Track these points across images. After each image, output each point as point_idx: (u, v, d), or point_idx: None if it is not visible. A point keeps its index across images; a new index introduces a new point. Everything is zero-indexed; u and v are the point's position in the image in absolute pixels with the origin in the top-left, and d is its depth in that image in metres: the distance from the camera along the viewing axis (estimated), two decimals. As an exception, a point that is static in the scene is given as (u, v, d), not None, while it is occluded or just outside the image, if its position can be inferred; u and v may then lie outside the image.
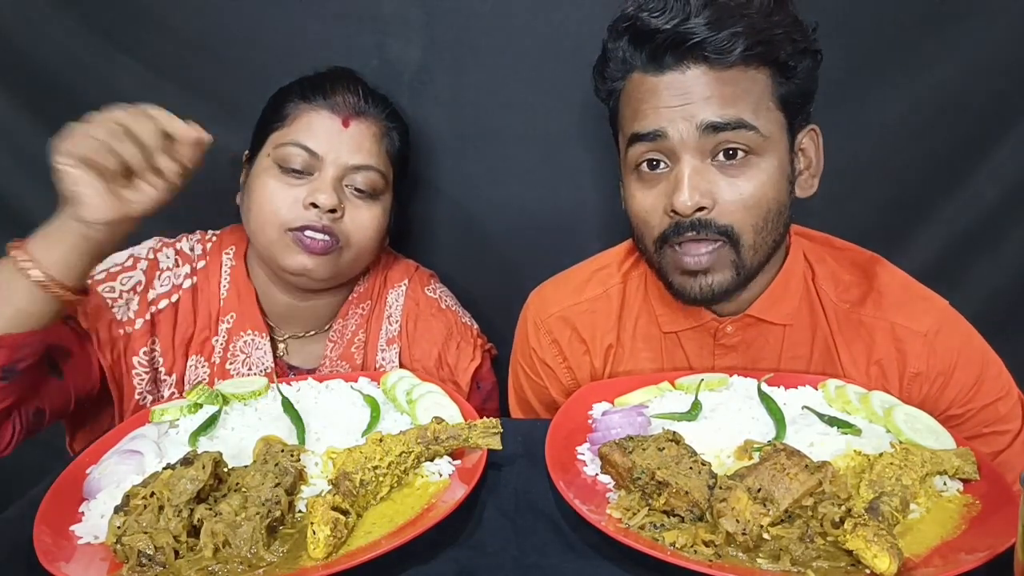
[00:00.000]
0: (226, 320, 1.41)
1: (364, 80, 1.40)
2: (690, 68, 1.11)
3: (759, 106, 1.12)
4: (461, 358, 1.46)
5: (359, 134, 1.34)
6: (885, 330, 1.24)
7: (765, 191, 1.13)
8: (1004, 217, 1.61)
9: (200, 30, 1.52)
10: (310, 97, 1.34)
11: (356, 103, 1.35)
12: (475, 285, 1.65)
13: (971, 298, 1.63)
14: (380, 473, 0.95)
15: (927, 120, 1.55)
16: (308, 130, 1.32)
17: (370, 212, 1.36)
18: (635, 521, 0.89)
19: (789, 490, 0.88)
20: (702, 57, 1.10)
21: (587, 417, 1.15)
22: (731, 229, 1.13)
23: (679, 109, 1.11)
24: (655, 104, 1.13)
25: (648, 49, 1.13)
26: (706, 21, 1.08)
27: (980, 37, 1.49)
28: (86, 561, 0.86)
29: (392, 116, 1.41)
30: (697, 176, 1.11)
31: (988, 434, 1.22)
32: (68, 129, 1.04)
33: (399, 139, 1.42)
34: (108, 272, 1.35)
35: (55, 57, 1.55)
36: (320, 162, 1.32)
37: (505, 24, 1.52)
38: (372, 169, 1.35)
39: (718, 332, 1.28)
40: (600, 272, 1.37)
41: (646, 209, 1.18)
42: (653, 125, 1.13)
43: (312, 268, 1.32)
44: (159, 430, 1.09)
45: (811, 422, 1.07)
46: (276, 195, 1.31)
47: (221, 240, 1.46)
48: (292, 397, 1.16)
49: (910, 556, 0.83)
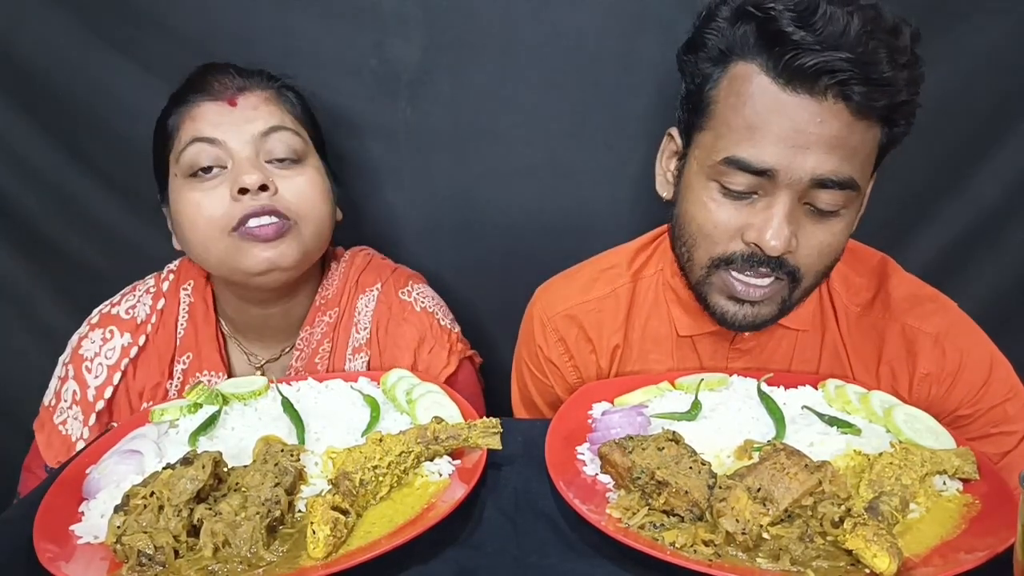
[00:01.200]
0: (181, 361, 1.36)
1: (233, 63, 1.32)
2: (827, 102, 1.00)
3: (867, 164, 1.07)
4: (433, 363, 1.38)
5: (250, 105, 1.26)
6: (895, 331, 1.24)
7: (840, 242, 1.11)
8: (1004, 217, 1.61)
9: (197, 30, 1.52)
10: (185, 99, 1.27)
11: (233, 81, 1.27)
12: (475, 285, 1.65)
13: (971, 298, 1.63)
14: (380, 473, 0.94)
15: (927, 120, 1.54)
16: (198, 123, 1.24)
17: (303, 176, 1.27)
18: (635, 521, 0.89)
19: (789, 490, 0.88)
20: (846, 96, 1.00)
21: (587, 417, 1.15)
22: (799, 272, 1.10)
23: (801, 149, 1.01)
24: (775, 132, 1.02)
25: (787, 59, 1.00)
26: (880, 59, 0.98)
27: (980, 37, 1.48)
28: (86, 561, 0.86)
29: (278, 82, 1.32)
30: (790, 217, 1.05)
31: (996, 434, 1.22)
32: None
33: (296, 99, 1.33)
34: (55, 393, 1.35)
35: (49, 57, 1.54)
36: (224, 148, 1.23)
37: (505, 24, 1.51)
38: (281, 129, 1.26)
39: (736, 337, 1.27)
40: (608, 271, 1.35)
41: (718, 225, 1.10)
42: (767, 162, 1.03)
43: (276, 258, 1.23)
44: (159, 430, 1.09)
45: (811, 422, 1.07)
46: (203, 204, 1.22)
47: (179, 274, 1.41)
48: (292, 397, 1.16)
49: (910, 556, 0.83)
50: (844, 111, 1.02)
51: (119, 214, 1.66)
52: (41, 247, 1.67)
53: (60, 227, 1.66)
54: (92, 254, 1.68)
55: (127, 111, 1.57)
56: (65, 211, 1.65)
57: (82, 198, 1.64)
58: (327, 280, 1.42)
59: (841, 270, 1.27)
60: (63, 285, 1.71)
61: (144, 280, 1.43)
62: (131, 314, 1.37)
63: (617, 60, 1.51)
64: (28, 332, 1.73)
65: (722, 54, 1.08)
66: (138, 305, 1.38)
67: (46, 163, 1.61)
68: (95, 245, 1.68)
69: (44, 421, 1.34)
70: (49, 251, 1.68)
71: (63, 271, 1.69)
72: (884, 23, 1.02)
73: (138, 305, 1.38)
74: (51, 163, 1.61)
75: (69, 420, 1.32)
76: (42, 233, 1.66)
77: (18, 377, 1.75)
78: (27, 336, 1.73)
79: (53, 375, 1.38)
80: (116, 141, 1.60)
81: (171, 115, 1.29)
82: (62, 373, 1.36)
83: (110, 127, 1.59)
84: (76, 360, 1.35)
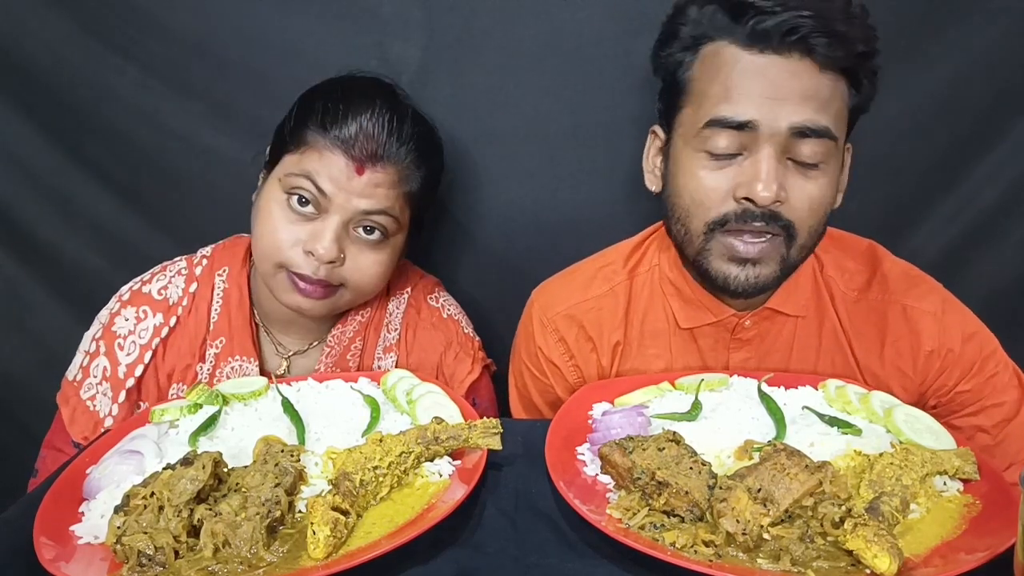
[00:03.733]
0: (214, 345, 1.38)
1: (393, 109, 1.28)
2: (794, 57, 1.08)
3: (840, 116, 1.13)
4: (459, 369, 1.43)
5: (373, 181, 1.25)
6: (897, 312, 1.27)
7: (826, 196, 1.15)
8: (1004, 217, 1.61)
9: (197, 31, 1.52)
10: (328, 128, 1.25)
11: (374, 149, 1.24)
12: (474, 285, 1.65)
13: (971, 298, 1.62)
14: (380, 473, 0.94)
15: (927, 120, 1.55)
16: (318, 167, 1.24)
17: (375, 256, 1.30)
18: (635, 521, 0.89)
19: (789, 490, 0.88)
20: (810, 49, 1.08)
21: (587, 417, 1.15)
22: (792, 226, 1.14)
23: (776, 101, 1.08)
24: (750, 89, 1.09)
25: (751, 24, 1.09)
26: (838, 15, 1.07)
27: (980, 37, 1.49)
28: (86, 561, 0.86)
29: (418, 156, 1.30)
30: (777, 169, 1.11)
31: (990, 407, 1.26)
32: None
33: (422, 179, 1.32)
34: (82, 367, 1.35)
35: (49, 59, 1.55)
36: (328, 202, 1.25)
37: (505, 25, 1.51)
38: (383, 214, 1.28)
39: (736, 326, 1.29)
40: (605, 269, 1.37)
41: (709, 191, 1.15)
42: (746, 114, 1.09)
43: (307, 308, 1.30)
44: (159, 430, 1.09)
45: (811, 422, 1.07)
46: (279, 231, 1.26)
47: (214, 260, 1.42)
48: (292, 397, 1.16)
49: (910, 556, 0.83)
50: (811, 65, 1.09)
51: (118, 215, 1.66)
52: (40, 247, 1.67)
53: (59, 227, 1.66)
54: (91, 254, 1.68)
55: (127, 112, 1.57)
56: (64, 211, 1.65)
57: (81, 198, 1.64)
58: None
59: (834, 257, 1.31)
60: (63, 285, 1.71)
61: (174, 261, 1.44)
62: (163, 295, 1.38)
63: (616, 61, 1.52)
64: (28, 332, 1.73)
65: (694, 40, 1.16)
66: (170, 286, 1.39)
67: (45, 163, 1.61)
68: (94, 245, 1.68)
69: (69, 395, 1.35)
70: (48, 251, 1.67)
71: (62, 271, 1.69)
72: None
73: (170, 286, 1.39)
74: (50, 163, 1.61)
75: (98, 396, 1.33)
76: (41, 233, 1.66)
77: (17, 377, 1.75)
78: (27, 336, 1.73)
79: (79, 349, 1.38)
80: (116, 142, 1.60)
81: (309, 126, 1.26)
82: (91, 348, 1.36)
83: (110, 127, 1.59)
84: (108, 336, 1.36)
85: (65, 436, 1.33)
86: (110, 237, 1.67)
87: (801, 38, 1.07)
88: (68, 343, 1.63)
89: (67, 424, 1.33)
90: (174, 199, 1.62)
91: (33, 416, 1.73)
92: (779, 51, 1.09)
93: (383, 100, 1.29)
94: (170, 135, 1.56)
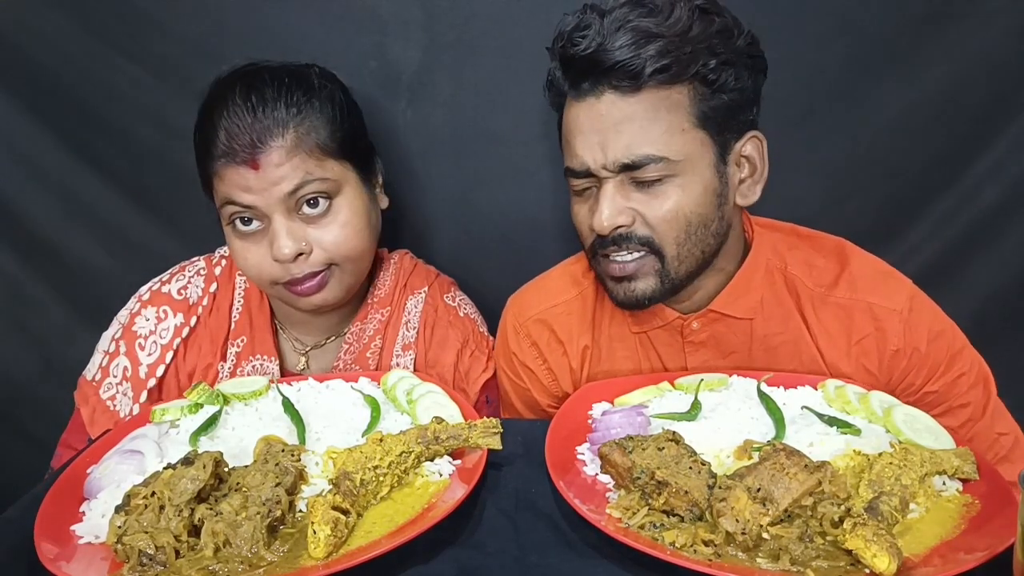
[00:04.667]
0: (236, 344, 1.39)
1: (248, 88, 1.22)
2: (604, 94, 1.13)
3: (672, 129, 1.13)
4: (474, 367, 1.44)
5: (272, 164, 1.20)
6: (863, 310, 1.26)
7: (683, 207, 1.15)
8: (1003, 217, 1.61)
9: (198, 31, 1.52)
10: (211, 151, 1.22)
11: (249, 140, 1.19)
12: (474, 285, 1.65)
13: (971, 298, 1.64)
14: (380, 473, 0.95)
15: (926, 120, 1.55)
16: (228, 188, 1.22)
17: (336, 221, 1.27)
18: (635, 521, 0.89)
19: (789, 490, 0.88)
20: (611, 84, 1.12)
21: (587, 417, 1.15)
22: (652, 240, 1.17)
23: (596, 141, 1.14)
24: (576, 136, 1.17)
25: (571, 75, 1.16)
26: (619, 45, 1.09)
27: (980, 37, 1.49)
28: (87, 561, 0.86)
29: (297, 109, 1.23)
30: (617, 195, 1.16)
31: (956, 407, 1.27)
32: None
33: (318, 122, 1.24)
34: (101, 367, 1.35)
35: (52, 58, 1.55)
36: (257, 209, 1.23)
37: (505, 24, 1.51)
38: (307, 183, 1.22)
39: (684, 329, 1.30)
40: (574, 275, 1.39)
41: (580, 223, 1.24)
42: (578, 163, 1.17)
43: (322, 302, 1.30)
44: (160, 430, 1.09)
45: (811, 422, 1.07)
46: (248, 258, 1.27)
47: (232, 261, 1.42)
48: (292, 397, 1.16)
49: (909, 556, 0.83)
50: (616, 97, 1.13)
51: (122, 214, 1.66)
52: (43, 247, 1.67)
53: (62, 227, 1.67)
54: (94, 254, 1.68)
55: (130, 111, 1.57)
56: (67, 210, 1.65)
57: (84, 197, 1.65)
58: (379, 280, 1.47)
59: (802, 254, 1.31)
60: (63, 285, 1.71)
61: (192, 262, 1.44)
62: (183, 295, 1.39)
63: (616, 61, 1.52)
64: (27, 333, 1.73)
65: (557, 95, 1.23)
66: (189, 286, 1.40)
67: (49, 162, 1.62)
68: (97, 245, 1.68)
69: (88, 395, 1.35)
70: (50, 251, 1.68)
71: (64, 272, 1.69)
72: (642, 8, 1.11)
73: (189, 286, 1.40)
74: (54, 162, 1.61)
75: (118, 396, 1.33)
76: (43, 233, 1.66)
77: (17, 377, 1.75)
78: (27, 336, 1.73)
79: (97, 349, 1.38)
80: (120, 141, 1.60)
81: (204, 159, 1.24)
82: (111, 348, 1.36)
83: (114, 126, 1.59)
84: (128, 336, 1.36)
85: (81, 435, 1.34)
86: (114, 236, 1.67)
87: (603, 73, 1.11)
88: (71, 344, 1.63)
89: (87, 424, 1.33)
90: (179, 198, 1.62)
91: (35, 416, 1.73)
92: (592, 93, 1.14)
93: (237, 87, 1.23)
94: (174, 134, 1.56)
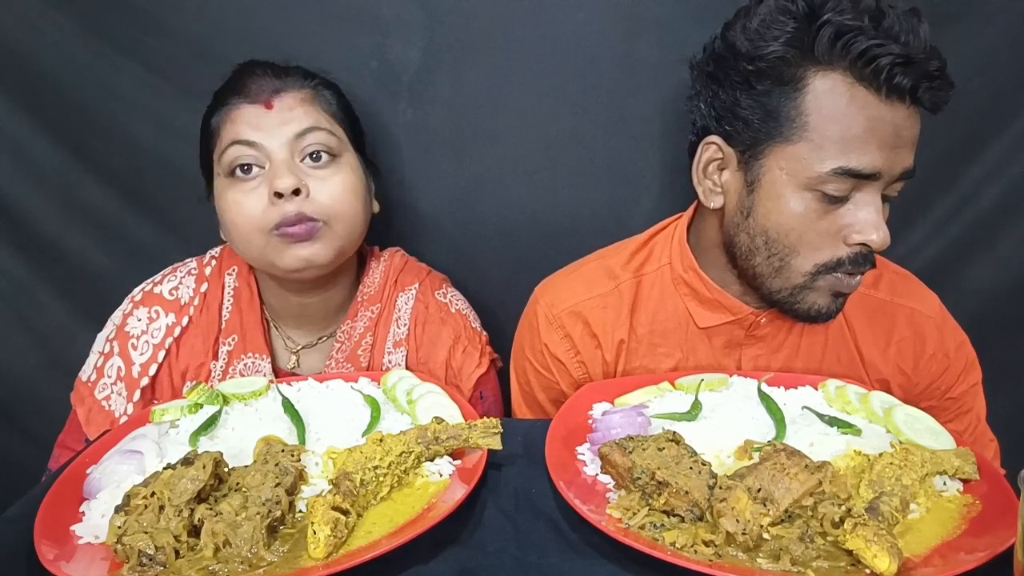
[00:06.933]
0: (227, 343, 1.40)
1: (272, 63, 1.35)
2: (909, 105, 1.10)
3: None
4: (467, 363, 1.43)
5: (286, 107, 1.29)
6: (905, 315, 1.31)
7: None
8: (1003, 217, 1.61)
9: (199, 31, 1.52)
10: (225, 101, 1.31)
11: (270, 83, 1.30)
12: (474, 285, 1.65)
13: (971, 298, 1.64)
14: (380, 473, 0.95)
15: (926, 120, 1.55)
16: (237, 126, 1.28)
17: (337, 175, 1.31)
18: (635, 521, 0.89)
19: (789, 490, 0.88)
20: (915, 96, 1.09)
21: (587, 417, 1.15)
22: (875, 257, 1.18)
23: (896, 150, 1.09)
24: (879, 140, 1.08)
25: (882, 75, 1.06)
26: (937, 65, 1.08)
27: (979, 37, 1.49)
28: (87, 561, 0.86)
29: (318, 82, 1.35)
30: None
31: (964, 412, 1.34)
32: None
33: (333, 97, 1.36)
34: (96, 368, 1.37)
35: (52, 57, 1.54)
36: (262, 150, 1.27)
37: (505, 24, 1.51)
38: (315, 129, 1.29)
39: (752, 323, 1.30)
40: (610, 268, 1.38)
41: (821, 233, 1.13)
42: (875, 166, 1.08)
43: (311, 256, 1.29)
44: (159, 430, 1.09)
45: (811, 422, 1.07)
46: (243, 204, 1.28)
47: (223, 260, 1.45)
48: (292, 397, 1.16)
49: (910, 556, 0.83)
50: (916, 112, 1.12)
51: (122, 214, 1.65)
52: (42, 247, 1.67)
53: (61, 227, 1.66)
54: (93, 254, 1.68)
55: (131, 111, 1.57)
56: (66, 210, 1.65)
57: (84, 198, 1.64)
58: (368, 277, 1.47)
59: None
60: (63, 285, 1.71)
61: (184, 263, 1.46)
62: (175, 295, 1.41)
63: (616, 61, 1.52)
64: (28, 332, 1.73)
65: (792, 62, 1.10)
66: (181, 286, 1.42)
67: (48, 163, 1.61)
68: (96, 245, 1.67)
69: (84, 396, 1.36)
70: (50, 251, 1.67)
71: (64, 271, 1.69)
72: (918, 22, 1.09)
73: (181, 286, 1.42)
74: (53, 163, 1.61)
75: (113, 396, 1.35)
76: (43, 233, 1.66)
77: (17, 377, 1.75)
78: (27, 336, 1.73)
79: (92, 350, 1.40)
80: (119, 141, 1.60)
81: (214, 115, 1.32)
82: (105, 349, 1.38)
83: (113, 127, 1.59)
84: (121, 337, 1.37)
85: (78, 436, 1.35)
86: (114, 236, 1.67)
87: (914, 82, 1.07)
88: (72, 343, 1.63)
89: (83, 424, 1.34)
90: (178, 198, 1.62)
91: (36, 416, 1.73)
92: (906, 100, 1.09)
93: (253, 60, 1.36)
94: (174, 134, 1.56)
